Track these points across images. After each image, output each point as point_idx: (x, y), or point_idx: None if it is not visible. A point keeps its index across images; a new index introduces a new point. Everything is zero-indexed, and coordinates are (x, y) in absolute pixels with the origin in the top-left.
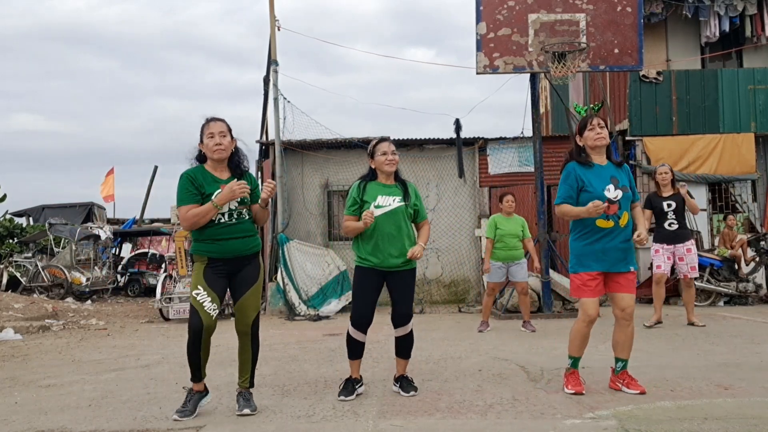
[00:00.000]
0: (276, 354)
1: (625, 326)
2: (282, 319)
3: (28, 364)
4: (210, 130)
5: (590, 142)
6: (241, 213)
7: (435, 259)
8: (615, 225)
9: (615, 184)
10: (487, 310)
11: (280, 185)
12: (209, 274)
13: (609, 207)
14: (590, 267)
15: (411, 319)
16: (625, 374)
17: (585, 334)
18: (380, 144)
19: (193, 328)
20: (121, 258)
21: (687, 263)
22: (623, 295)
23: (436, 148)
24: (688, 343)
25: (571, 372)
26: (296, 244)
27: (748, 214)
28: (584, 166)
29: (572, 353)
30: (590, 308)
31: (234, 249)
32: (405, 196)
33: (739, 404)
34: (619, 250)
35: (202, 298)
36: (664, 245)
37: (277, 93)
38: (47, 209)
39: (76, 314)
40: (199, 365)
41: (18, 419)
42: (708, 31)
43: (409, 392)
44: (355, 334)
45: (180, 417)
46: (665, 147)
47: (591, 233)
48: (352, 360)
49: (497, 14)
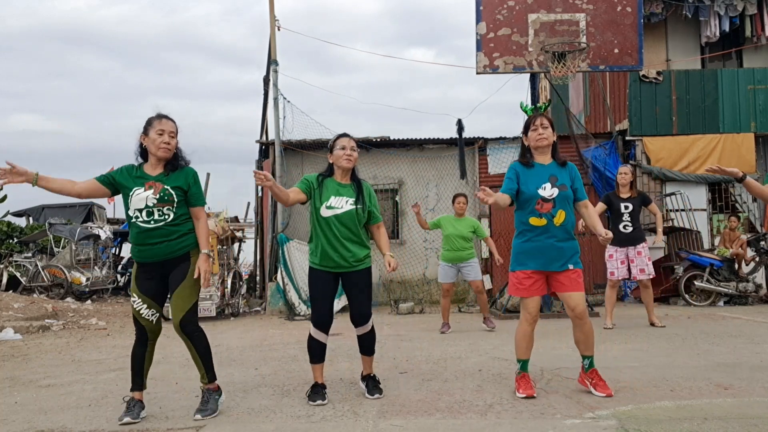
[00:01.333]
0: (276, 354)
1: (581, 324)
2: (282, 319)
3: (28, 363)
4: (162, 126)
5: (532, 143)
6: (161, 212)
7: (435, 258)
8: (548, 223)
9: (553, 183)
10: (445, 312)
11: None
12: (142, 280)
13: (542, 205)
14: (525, 265)
15: (370, 318)
16: (595, 374)
17: (529, 334)
18: (340, 139)
19: (137, 335)
20: (121, 258)
21: (637, 265)
22: (570, 294)
23: (436, 148)
24: (688, 343)
25: (521, 375)
26: (296, 244)
27: (748, 214)
28: (525, 166)
29: (520, 356)
30: (529, 306)
31: (157, 254)
32: (358, 197)
33: (739, 404)
34: (555, 249)
35: (138, 306)
36: (617, 248)
37: (277, 93)
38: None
39: (76, 314)
40: (140, 372)
41: (18, 419)
42: (708, 31)
43: (374, 395)
44: (316, 334)
45: (132, 419)
46: (665, 147)
47: (525, 231)
48: (314, 364)
49: (497, 14)
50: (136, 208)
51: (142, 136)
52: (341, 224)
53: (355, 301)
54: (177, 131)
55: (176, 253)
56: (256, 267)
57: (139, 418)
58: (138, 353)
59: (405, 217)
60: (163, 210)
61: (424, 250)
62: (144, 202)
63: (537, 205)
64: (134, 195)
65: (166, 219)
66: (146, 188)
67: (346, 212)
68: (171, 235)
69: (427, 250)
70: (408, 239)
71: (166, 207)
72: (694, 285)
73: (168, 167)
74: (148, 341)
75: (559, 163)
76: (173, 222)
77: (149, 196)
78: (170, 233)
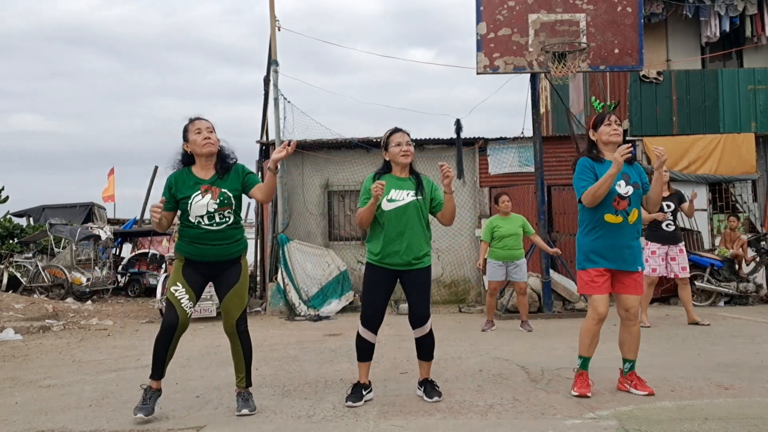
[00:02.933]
0: (276, 354)
1: (630, 326)
2: (282, 319)
3: (28, 364)
4: (197, 126)
5: (605, 137)
6: (223, 216)
7: (435, 259)
8: (624, 221)
9: (626, 180)
10: (491, 310)
11: (280, 185)
12: (188, 272)
13: (619, 202)
14: (598, 263)
15: (429, 320)
16: (634, 375)
17: (595, 332)
18: (394, 135)
19: (168, 323)
20: (121, 258)
21: (679, 263)
22: (628, 296)
23: (436, 148)
24: (688, 343)
25: (580, 373)
26: (296, 244)
27: (749, 214)
28: (596, 161)
29: (582, 353)
30: (599, 305)
31: (213, 254)
32: (418, 189)
33: (739, 404)
34: (627, 248)
35: (180, 295)
36: (660, 245)
37: (278, 93)
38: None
39: (76, 314)
40: (163, 362)
41: (18, 419)
42: (708, 31)
43: (432, 398)
44: (365, 333)
45: (145, 415)
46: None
47: (599, 228)
48: (361, 362)
49: (497, 14)
50: (197, 215)
51: (184, 144)
52: (404, 216)
53: (415, 302)
54: (214, 127)
55: (231, 256)
56: (256, 267)
57: (154, 412)
58: (164, 345)
59: None
60: (224, 213)
61: None
62: (205, 209)
63: (614, 202)
64: (194, 203)
65: (227, 222)
66: (203, 194)
67: (407, 204)
68: (229, 239)
69: None
70: None
71: (227, 210)
72: (695, 285)
73: (219, 168)
74: (175, 334)
75: (626, 160)
76: (233, 225)
77: (210, 202)
78: (229, 237)
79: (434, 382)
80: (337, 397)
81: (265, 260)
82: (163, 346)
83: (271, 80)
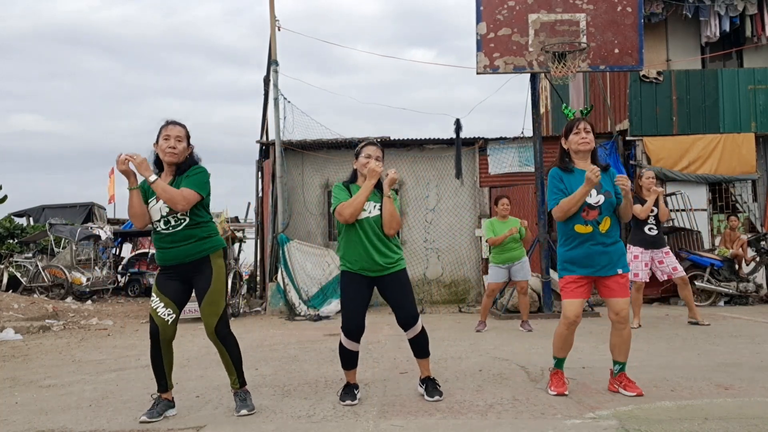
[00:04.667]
0: (276, 354)
1: (621, 329)
2: (282, 319)
3: (28, 364)
4: (167, 132)
5: (574, 146)
6: (176, 218)
7: (435, 259)
8: (594, 230)
9: (598, 189)
10: (485, 311)
11: (280, 185)
12: (161, 280)
13: (588, 212)
14: (574, 271)
15: (419, 319)
16: (623, 376)
17: (566, 336)
18: (367, 147)
19: (150, 333)
20: (121, 258)
21: (668, 265)
22: (616, 300)
23: (436, 148)
24: (688, 343)
25: (554, 372)
26: (296, 244)
27: (749, 214)
28: (566, 172)
29: (556, 354)
30: (569, 310)
31: (174, 257)
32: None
33: (739, 404)
34: (602, 254)
35: (155, 305)
36: (643, 250)
37: (278, 93)
38: (47, 209)
39: (76, 314)
40: (163, 373)
41: (18, 419)
42: (708, 31)
43: (434, 397)
44: (348, 344)
45: (149, 418)
46: (665, 147)
47: (571, 239)
48: (347, 370)
49: (497, 14)
50: (154, 219)
51: (154, 144)
52: (371, 228)
53: (398, 304)
54: (186, 136)
55: (195, 256)
56: (256, 267)
57: (160, 417)
58: (155, 358)
59: (405, 218)
60: (177, 216)
61: (424, 250)
62: (159, 213)
63: (583, 212)
64: (150, 207)
65: (183, 222)
66: (158, 198)
67: (376, 216)
68: (189, 239)
69: (427, 250)
70: (408, 239)
71: (180, 213)
72: (695, 285)
73: (176, 172)
74: (161, 342)
75: (601, 168)
76: (192, 225)
77: (162, 206)
78: (188, 237)
79: (436, 380)
80: (337, 397)
81: (265, 260)
82: (156, 357)
83: (271, 80)
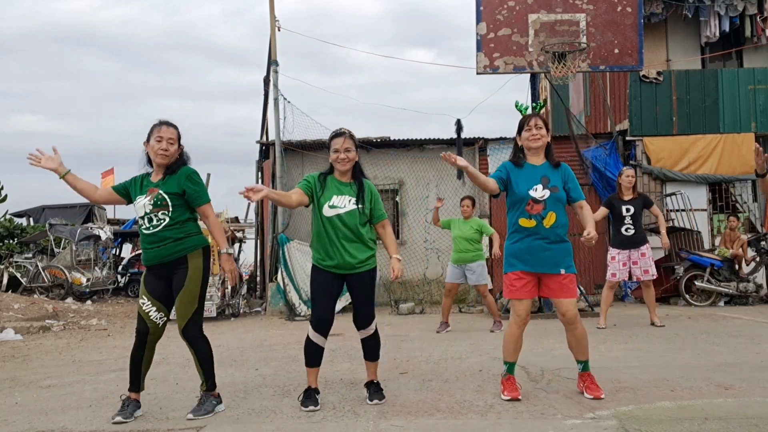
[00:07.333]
0: (276, 354)
1: (572, 329)
2: (282, 319)
3: (28, 364)
4: (160, 133)
5: (525, 143)
6: (157, 217)
7: (435, 259)
8: (538, 224)
9: (545, 184)
10: (445, 311)
11: (280, 185)
12: (150, 280)
13: (533, 206)
14: (515, 266)
15: (373, 321)
16: (588, 376)
17: (517, 336)
18: (335, 139)
19: (137, 332)
20: (121, 258)
21: (641, 267)
22: (560, 300)
23: (436, 149)
24: (688, 343)
25: (507, 378)
26: (296, 244)
27: (749, 214)
28: (516, 166)
29: (506, 358)
30: (520, 309)
31: (155, 256)
32: (359, 196)
33: (739, 404)
34: (545, 251)
35: (146, 307)
36: (620, 250)
37: (278, 93)
38: (47, 209)
39: (76, 315)
40: (139, 373)
41: (18, 419)
42: (708, 31)
43: (373, 401)
44: (315, 338)
45: (124, 419)
46: (665, 147)
47: (516, 232)
48: (310, 368)
49: (497, 14)
50: (139, 216)
51: (145, 143)
52: (344, 224)
53: (360, 303)
54: (178, 138)
55: (172, 257)
56: (256, 267)
57: (132, 417)
58: (137, 357)
59: (405, 218)
60: (158, 215)
61: (424, 250)
62: (143, 210)
63: (527, 206)
64: (136, 203)
65: (162, 223)
66: (147, 195)
67: (349, 212)
68: (165, 240)
69: (427, 250)
70: (408, 239)
71: (161, 212)
72: (695, 285)
73: (165, 172)
74: (148, 342)
75: (552, 164)
76: (169, 226)
77: (146, 203)
78: (164, 238)
79: (379, 384)
80: (337, 397)
81: (265, 260)
82: (135, 362)
83: (271, 80)
